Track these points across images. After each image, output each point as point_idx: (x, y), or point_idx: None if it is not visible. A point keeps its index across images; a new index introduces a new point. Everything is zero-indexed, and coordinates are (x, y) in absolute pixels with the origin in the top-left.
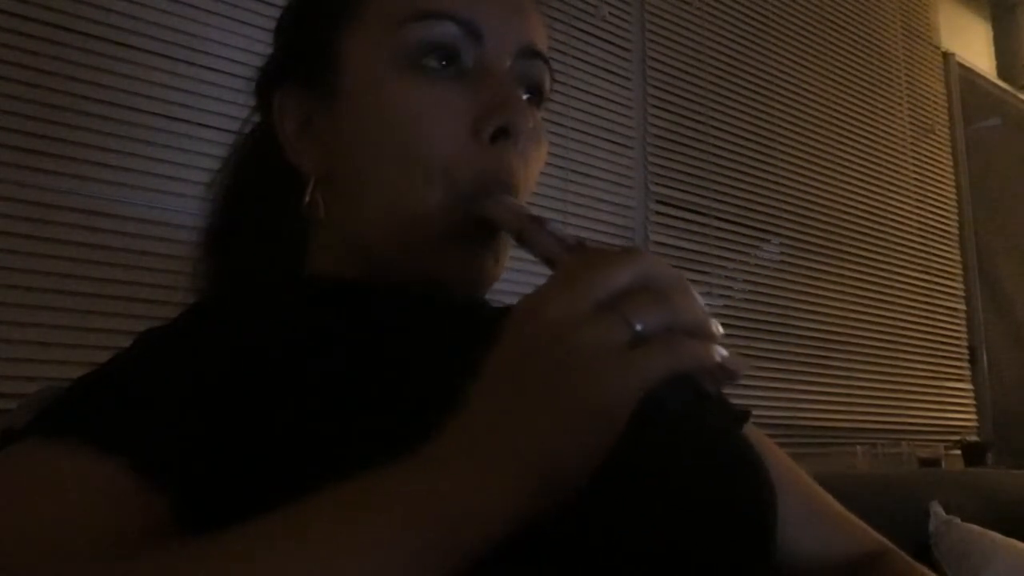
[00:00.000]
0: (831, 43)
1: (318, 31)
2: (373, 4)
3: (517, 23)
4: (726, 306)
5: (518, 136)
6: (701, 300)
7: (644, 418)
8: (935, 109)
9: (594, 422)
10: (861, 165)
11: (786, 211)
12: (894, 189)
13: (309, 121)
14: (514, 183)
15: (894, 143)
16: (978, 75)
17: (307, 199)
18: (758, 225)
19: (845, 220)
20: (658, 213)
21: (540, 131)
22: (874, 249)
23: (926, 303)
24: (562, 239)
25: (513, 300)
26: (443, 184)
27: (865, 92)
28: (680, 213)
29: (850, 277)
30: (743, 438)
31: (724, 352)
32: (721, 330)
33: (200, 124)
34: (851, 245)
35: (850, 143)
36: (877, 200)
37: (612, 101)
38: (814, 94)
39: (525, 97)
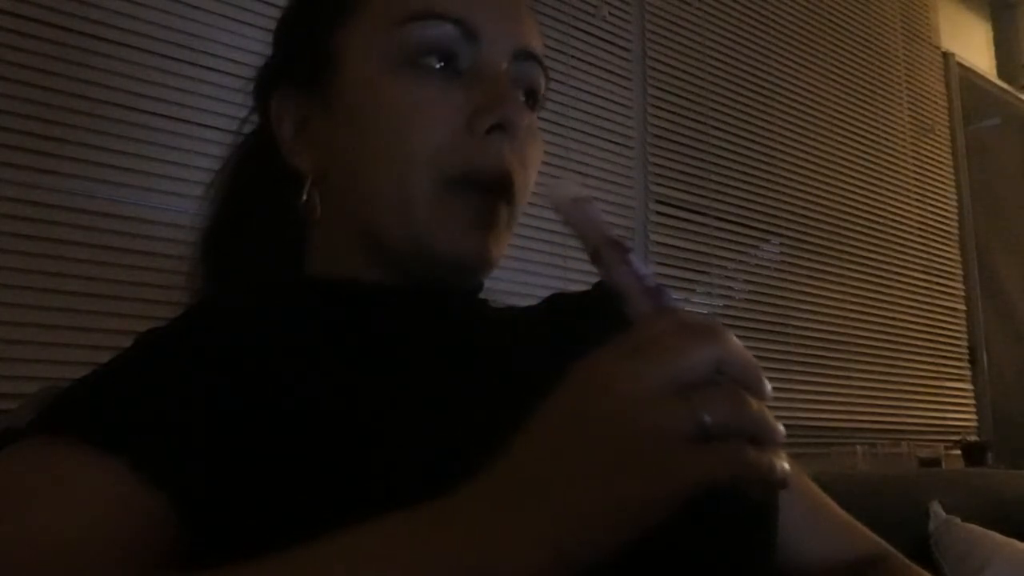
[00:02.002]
0: (831, 43)
1: (315, 33)
2: (370, 5)
3: (513, 26)
4: (726, 306)
5: (515, 133)
6: (770, 391)
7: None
8: (935, 109)
9: (634, 508)
10: (861, 165)
11: (786, 211)
12: (894, 189)
13: (306, 122)
14: (508, 176)
15: (894, 143)
16: (978, 75)
17: (304, 198)
18: (758, 225)
19: (845, 220)
20: (658, 213)
21: (536, 131)
22: (874, 249)
23: (926, 303)
24: (641, 277)
25: (514, 300)
26: (435, 173)
27: (865, 92)
28: (680, 213)
29: (850, 277)
30: None
31: (785, 465)
32: (784, 434)
33: (200, 124)
34: (851, 245)
35: (850, 143)
36: (877, 200)
37: (612, 101)
38: (814, 94)
39: (521, 99)
